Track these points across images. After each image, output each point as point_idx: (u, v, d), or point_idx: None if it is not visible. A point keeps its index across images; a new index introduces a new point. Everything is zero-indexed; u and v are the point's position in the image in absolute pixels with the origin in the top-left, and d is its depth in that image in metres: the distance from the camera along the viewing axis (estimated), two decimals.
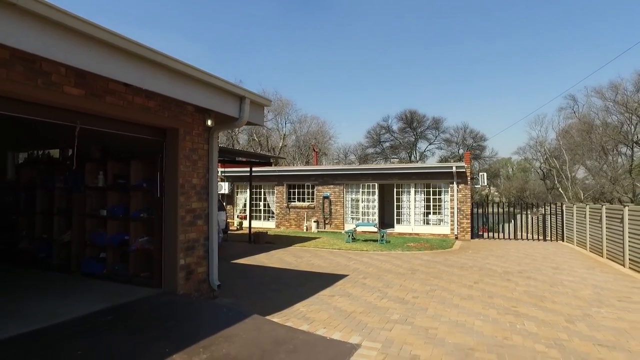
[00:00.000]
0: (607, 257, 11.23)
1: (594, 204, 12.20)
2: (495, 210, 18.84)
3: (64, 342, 3.87)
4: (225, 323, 4.66)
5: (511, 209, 19.83)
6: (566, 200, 36.47)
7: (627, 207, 10.01)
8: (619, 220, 10.29)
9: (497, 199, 48.54)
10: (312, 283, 7.60)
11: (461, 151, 50.09)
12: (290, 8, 71.63)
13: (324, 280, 7.90)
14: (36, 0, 3.03)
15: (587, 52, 64.32)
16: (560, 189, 40.62)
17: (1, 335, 3.85)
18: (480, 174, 19.74)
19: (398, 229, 17.50)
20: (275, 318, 5.28)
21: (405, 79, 75.64)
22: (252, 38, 71.21)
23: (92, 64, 3.64)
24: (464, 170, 16.41)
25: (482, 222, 18.82)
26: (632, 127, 33.07)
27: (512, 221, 20.26)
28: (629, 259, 9.69)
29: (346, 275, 8.38)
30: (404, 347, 4.39)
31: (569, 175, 38.37)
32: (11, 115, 3.86)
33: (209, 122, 6.02)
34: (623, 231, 10.00)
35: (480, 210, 18.62)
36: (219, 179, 19.21)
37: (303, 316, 5.48)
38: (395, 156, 53.51)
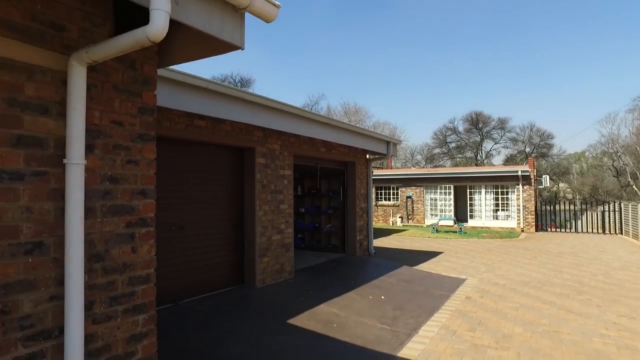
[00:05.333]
0: None
1: None
2: (563, 207, 21.57)
3: (325, 269, 8.37)
4: (392, 268, 8.92)
5: (578, 207, 22.35)
6: None
7: None
8: None
9: (569, 196, 49.01)
10: (421, 255, 11.69)
11: (527, 149, 51.11)
12: (347, 9, 75.40)
13: (429, 254, 11.95)
14: (331, 118, 7.48)
15: None
16: (635, 187, 40.76)
17: (304, 266, 8.43)
18: (543, 176, 22.54)
19: (471, 223, 20.98)
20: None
21: (471, 81, 76.49)
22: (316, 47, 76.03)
23: (335, 138, 8.04)
24: (529, 173, 19.54)
25: (550, 219, 20.98)
26: None
27: (580, 218, 22.64)
28: None
29: (442, 252, 12.36)
30: (490, 279, 8.37)
31: None
32: (305, 164, 8.44)
33: (368, 156, 10.34)
34: None
35: (548, 208, 21.20)
36: None
37: (427, 268, 9.60)
38: (461, 155, 55.59)
